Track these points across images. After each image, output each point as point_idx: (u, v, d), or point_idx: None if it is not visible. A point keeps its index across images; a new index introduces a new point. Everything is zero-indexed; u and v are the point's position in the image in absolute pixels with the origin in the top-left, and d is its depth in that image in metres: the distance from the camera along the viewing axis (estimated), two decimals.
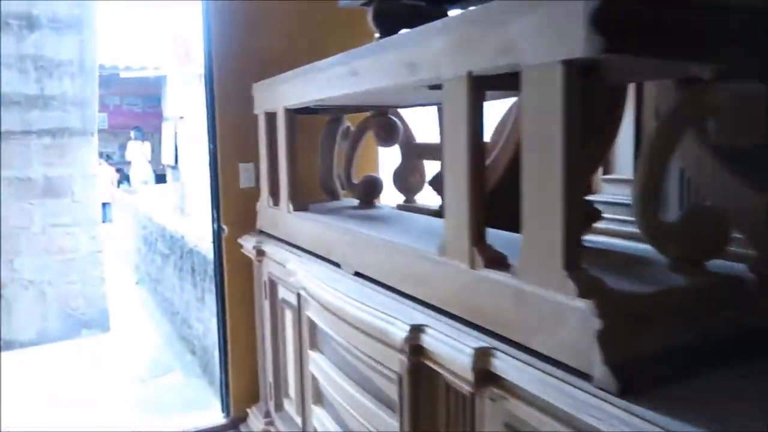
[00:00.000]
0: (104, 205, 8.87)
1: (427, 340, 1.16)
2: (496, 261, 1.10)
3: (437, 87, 1.28)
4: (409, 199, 2.47)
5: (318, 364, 1.71)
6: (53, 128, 4.02)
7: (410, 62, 1.28)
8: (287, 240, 2.14)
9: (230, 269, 2.66)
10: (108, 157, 12.54)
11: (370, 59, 1.45)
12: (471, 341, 1.08)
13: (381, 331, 1.28)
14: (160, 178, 11.16)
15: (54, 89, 3.81)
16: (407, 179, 2.45)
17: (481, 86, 1.10)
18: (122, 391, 3.39)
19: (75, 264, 4.20)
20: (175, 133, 9.77)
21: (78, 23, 3.73)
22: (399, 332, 1.21)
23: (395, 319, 1.24)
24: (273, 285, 2.28)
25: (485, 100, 1.13)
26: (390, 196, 2.49)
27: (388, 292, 1.42)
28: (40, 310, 4.11)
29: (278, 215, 2.23)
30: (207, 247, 3.31)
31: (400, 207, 2.36)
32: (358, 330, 1.39)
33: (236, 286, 2.65)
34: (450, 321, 1.19)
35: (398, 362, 1.25)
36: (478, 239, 1.12)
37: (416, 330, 1.19)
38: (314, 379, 1.76)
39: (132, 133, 11.35)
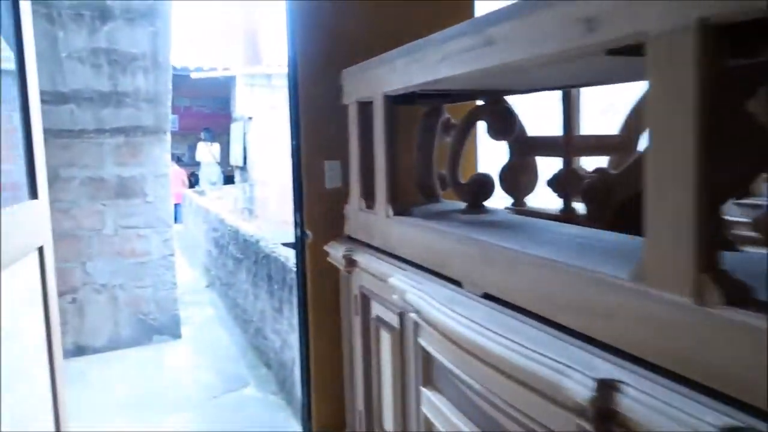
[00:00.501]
0: (176, 206, 8.92)
1: (628, 405, 0.82)
2: (743, 297, 0.75)
3: (624, 51, 0.94)
4: (519, 201, 2.14)
5: (435, 405, 1.39)
6: (126, 126, 3.89)
7: (586, 18, 0.94)
8: (385, 249, 1.84)
9: (314, 279, 2.39)
10: (178, 159, 12.72)
11: (515, 22, 1.12)
12: (709, 414, 0.73)
13: (546, 382, 0.94)
14: (228, 179, 11.20)
15: (127, 85, 3.67)
16: (517, 178, 2.12)
17: (721, 40, 0.75)
18: (193, 403, 3.19)
19: (147, 268, 4.07)
20: (244, 133, 9.74)
21: (151, 13, 3.56)
22: (579, 388, 0.87)
23: (570, 369, 0.91)
24: (365, 300, 1.99)
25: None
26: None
27: (541, 325, 1.08)
28: (112, 314, 3.99)
29: (373, 220, 1.93)
30: (284, 253, 3.06)
31: (512, 210, 2.03)
32: (505, 375, 1.06)
33: (321, 299, 2.38)
34: (655, 377, 0.84)
35: (575, 427, 0.91)
36: (710, 263, 0.77)
37: (607, 387, 0.85)
38: (428, 421, 1.45)
39: (202, 134, 11.44)
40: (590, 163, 2.26)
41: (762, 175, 1.36)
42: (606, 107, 3.60)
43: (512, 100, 2.05)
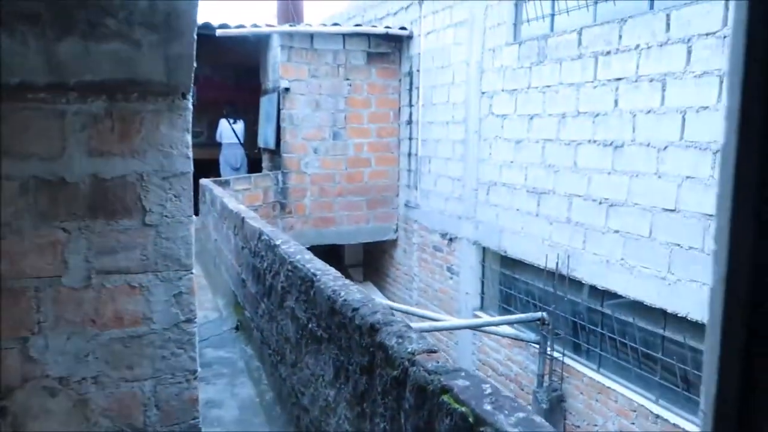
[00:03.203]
0: None
1: None
2: None
3: None
4: None
5: None
6: (109, 80, 2.01)
7: None
8: None
9: None
10: (195, 137, 10.83)
11: None
12: None
13: None
14: (254, 164, 9.33)
15: None
16: None
17: None
18: None
19: (144, 346, 2.22)
20: (278, 109, 7.84)
21: None
22: None
23: None
24: None
25: None
26: None
27: None
28: None
29: None
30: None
31: None
32: None
33: None
34: None
35: None
36: None
37: None
38: None
39: (225, 110, 9.54)
40: None
41: None
42: None
43: None
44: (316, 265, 2.39)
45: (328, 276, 2.21)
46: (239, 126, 9.34)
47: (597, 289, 5.06)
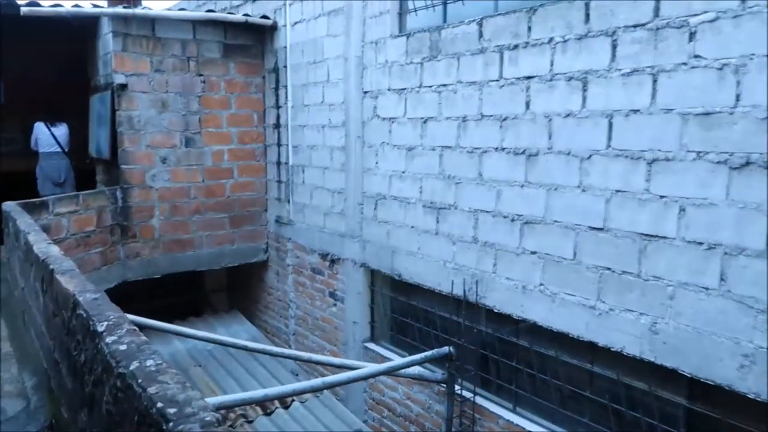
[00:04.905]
0: None
1: None
2: None
3: None
4: None
5: None
6: None
7: None
8: None
9: None
10: (6, 145, 8.85)
11: None
12: None
13: None
14: (86, 177, 7.67)
15: None
16: None
17: None
18: None
19: None
20: (113, 110, 6.37)
21: None
22: None
23: None
24: None
25: None
26: None
27: None
28: None
29: None
30: None
31: None
32: None
33: None
34: None
35: None
36: None
37: None
38: None
39: (43, 111, 7.75)
40: None
41: None
42: None
43: None
44: (170, 393, 1.31)
45: (193, 424, 1.16)
46: (61, 130, 7.61)
47: (512, 318, 4.40)
